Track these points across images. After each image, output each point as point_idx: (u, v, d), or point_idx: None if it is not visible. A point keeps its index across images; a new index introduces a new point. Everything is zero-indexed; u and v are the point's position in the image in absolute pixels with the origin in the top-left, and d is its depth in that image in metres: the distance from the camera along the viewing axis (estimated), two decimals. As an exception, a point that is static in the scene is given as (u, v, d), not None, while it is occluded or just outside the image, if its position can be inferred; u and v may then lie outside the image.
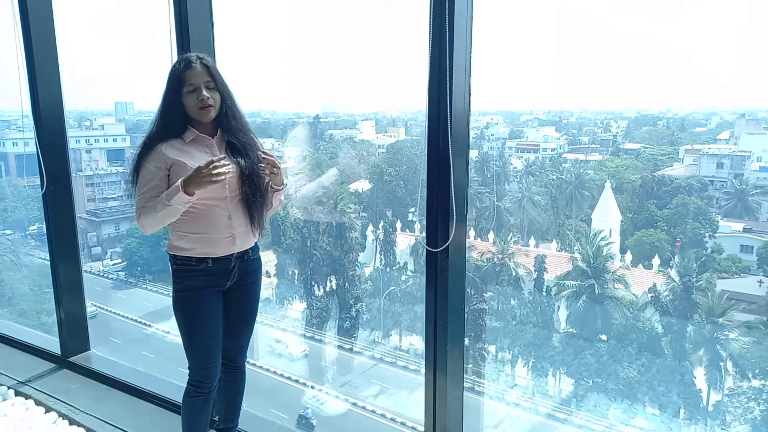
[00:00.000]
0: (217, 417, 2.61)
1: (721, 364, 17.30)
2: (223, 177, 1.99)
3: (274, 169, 2.17)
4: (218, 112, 2.16)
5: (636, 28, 32.60)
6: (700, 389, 17.47)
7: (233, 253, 2.22)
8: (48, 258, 3.66)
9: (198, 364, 2.25)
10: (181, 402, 2.36)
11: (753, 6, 27.27)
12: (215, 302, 2.25)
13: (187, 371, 2.29)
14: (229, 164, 2.07)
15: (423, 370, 2.57)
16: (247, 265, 2.29)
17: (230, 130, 2.20)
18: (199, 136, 2.17)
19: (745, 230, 20.99)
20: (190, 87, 2.10)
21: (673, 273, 19.26)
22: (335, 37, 40.48)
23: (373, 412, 18.07)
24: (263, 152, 2.18)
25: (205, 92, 2.10)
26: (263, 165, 2.16)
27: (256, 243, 2.34)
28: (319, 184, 25.36)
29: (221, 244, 2.19)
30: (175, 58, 2.25)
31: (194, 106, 2.10)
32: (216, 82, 2.14)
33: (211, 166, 1.96)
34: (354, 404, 18.52)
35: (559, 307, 20.18)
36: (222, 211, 2.17)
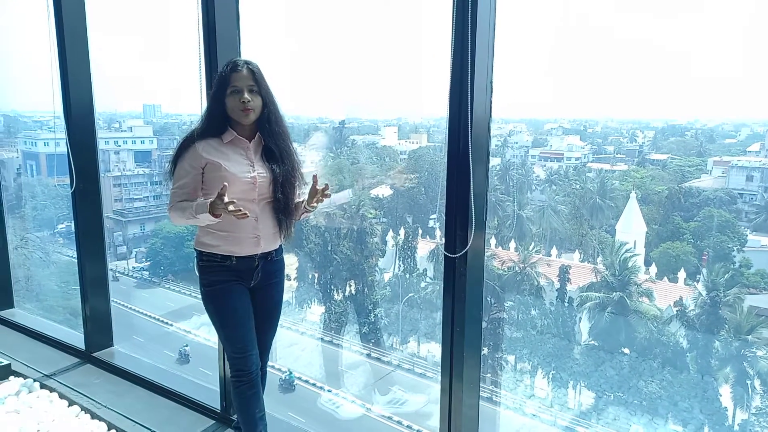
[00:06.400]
0: (235, 417, 2.63)
1: (748, 382, 16.84)
2: (240, 214, 2.01)
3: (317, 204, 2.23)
4: (259, 117, 2.20)
5: (667, 38, 32.09)
6: (725, 407, 17.01)
7: (257, 253, 2.26)
8: (75, 256, 3.76)
9: (234, 353, 2.28)
10: (202, 399, 2.37)
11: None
12: (242, 293, 2.29)
13: (228, 363, 2.31)
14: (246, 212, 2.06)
15: (440, 377, 2.56)
16: (270, 266, 2.33)
17: (270, 134, 2.23)
18: (237, 138, 2.21)
19: (775, 245, 20.45)
20: (234, 88, 2.14)
21: (699, 287, 18.82)
22: (360, 43, 40.77)
23: (390, 418, 18.01)
24: (326, 188, 2.21)
25: (246, 95, 2.14)
26: (320, 199, 2.20)
27: (280, 245, 2.37)
28: (332, 200, 25.76)
29: (246, 244, 2.23)
30: (203, 62, 2.30)
31: (235, 107, 2.15)
32: (260, 87, 2.17)
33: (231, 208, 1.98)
34: (369, 409, 18.48)
35: (580, 318, 19.87)
36: (249, 212, 2.18)
